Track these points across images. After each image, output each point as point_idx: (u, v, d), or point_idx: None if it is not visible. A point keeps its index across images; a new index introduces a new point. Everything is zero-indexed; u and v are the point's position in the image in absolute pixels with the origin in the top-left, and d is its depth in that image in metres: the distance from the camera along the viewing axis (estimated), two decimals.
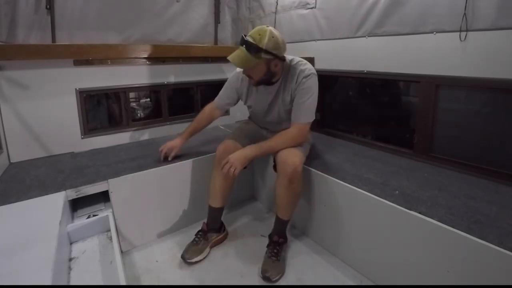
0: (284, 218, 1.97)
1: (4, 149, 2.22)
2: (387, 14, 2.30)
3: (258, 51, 1.72)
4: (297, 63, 1.93)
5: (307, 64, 1.93)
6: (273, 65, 1.82)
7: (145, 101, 3.61)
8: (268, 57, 1.75)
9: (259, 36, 1.72)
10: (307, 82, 1.86)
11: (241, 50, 1.76)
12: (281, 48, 1.78)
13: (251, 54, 1.73)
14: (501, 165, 1.90)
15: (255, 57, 1.73)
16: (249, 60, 1.75)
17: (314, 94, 1.89)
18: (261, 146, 1.89)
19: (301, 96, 1.87)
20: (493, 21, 1.79)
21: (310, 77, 1.87)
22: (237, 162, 1.80)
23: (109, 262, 1.55)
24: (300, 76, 1.87)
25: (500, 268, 1.23)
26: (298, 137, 1.91)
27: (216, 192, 2.08)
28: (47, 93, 2.37)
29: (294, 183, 1.83)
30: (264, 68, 1.81)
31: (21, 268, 1.18)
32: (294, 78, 1.90)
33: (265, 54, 1.73)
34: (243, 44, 1.75)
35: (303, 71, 1.87)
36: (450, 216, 1.47)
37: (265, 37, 1.71)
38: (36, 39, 2.65)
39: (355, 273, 1.88)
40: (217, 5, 3.75)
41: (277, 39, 1.75)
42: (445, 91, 2.11)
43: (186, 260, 1.95)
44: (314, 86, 1.89)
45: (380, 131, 2.77)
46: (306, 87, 1.86)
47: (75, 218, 1.90)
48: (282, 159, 1.83)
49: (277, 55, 1.77)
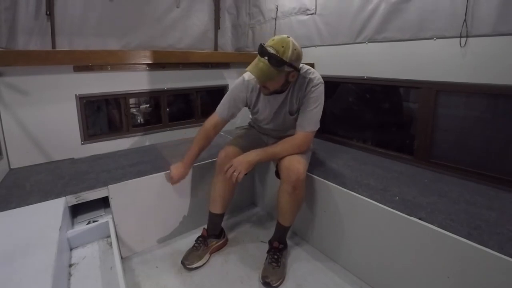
0: (286, 224, 1.97)
1: (4, 155, 2.22)
2: (387, 20, 2.32)
3: (281, 64, 1.63)
4: (306, 71, 1.89)
5: (315, 72, 1.91)
6: (291, 76, 1.77)
7: (145, 107, 3.62)
8: (290, 70, 1.70)
9: (282, 48, 1.63)
10: (316, 91, 1.85)
11: (263, 62, 1.65)
12: (301, 59, 1.76)
13: (273, 66, 1.63)
14: (501, 171, 1.91)
15: (277, 70, 1.65)
16: (272, 73, 1.65)
17: (321, 103, 1.88)
18: (265, 151, 1.88)
19: (308, 105, 1.86)
20: (493, 27, 1.80)
21: (318, 86, 1.86)
22: (240, 167, 1.78)
23: (109, 268, 1.54)
24: (310, 85, 1.85)
25: (500, 274, 1.23)
26: (303, 145, 1.90)
27: (217, 198, 2.08)
28: (47, 99, 2.37)
29: (297, 190, 1.82)
30: (283, 80, 1.76)
31: (21, 274, 1.17)
32: (303, 86, 1.87)
33: (288, 67, 1.67)
34: (265, 56, 1.64)
35: (312, 80, 1.86)
36: (450, 222, 1.47)
37: (289, 49, 1.63)
38: (36, 45, 2.67)
39: (355, 279, 1.88)
40: (217, 11, 3.78)
41: (299, 51, 1.70)
42: (445, 97, 2.12)
43: (186, 266, 1.95)
44: (321, 95, 1.88)
45: (380, 137, 2.77)
46: (314, 96, 1.85)
47: (75, 224, 1.89)
48: (286, 166, 1.83)
49: (297, 68, 1.74)
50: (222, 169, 1.87)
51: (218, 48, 3.95)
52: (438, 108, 2.15)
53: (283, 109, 1.99)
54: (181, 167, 2.07)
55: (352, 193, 1.81)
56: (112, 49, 2.88)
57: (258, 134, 2.30)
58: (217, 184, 2.07)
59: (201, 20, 3.70)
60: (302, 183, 1.82)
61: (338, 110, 3.18)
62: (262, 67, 1.65)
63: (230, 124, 3.48)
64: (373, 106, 2.87)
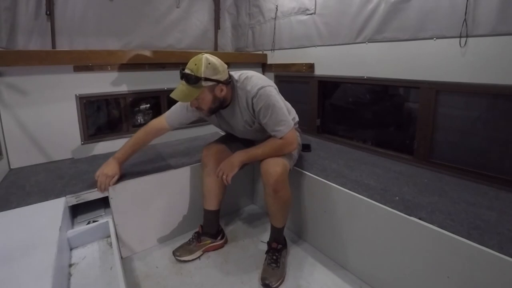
0: (277, 226, 1.97)
1: (4, 155, 2.22)
2: (387, 20, 2.32)
3: (197, 81, 1.67)
4: (242, 81, 1.84)
5: (253, 78, 1.85)
6: (218, 91, 1.76)
7: (145, 107, 3.61)
8: (210, 84, 1.70)
9: (196, 66, 1.68)
10: (259, 100, 1.77)
11: (182, 84, 1.71)
12: (220, 72, 1.73)
13: (191, 85, 1.68)
14: (501, 171, 1.91)
15: (196, 88, 1.69)
16: (192, 92, 1.70)
17: (274, 106, 1.78)
18: (247, 153, 1.86)
19: (263, 116, 1.79)
20: (493, 27, 1.80)
21: (258, 94, 1.76)
22: (226, 170, 1.81)
23: (109, 268, 1.54)
24: (249, 98, 1.80)
25: (500, 274, 1.23)
26: (285, 145, 1.85)
27: (206, 194, 2.11)
28: (47, 99, 2.37)
29: (280, 192, 1.80)
30: (209, 96, 1.76)
31: (21, 274, 1.17)
32: (243, 100, 1.84)
33: (205, 82, 1.68)
34: (182, 78, 1.70)
35: (250, 92, 1.79)
36: (450, 222, 1.47)
37: (201, 65, 1.67)
38: (36, 45, 2.67)
39: (355, 278, 1.88)
40: (217, 11, 3.78)
41: (214, 64, 1.71)
42: (445, 97, 2.12)
43: (176, 257, 2.01)
44: (268, 99, 1.77)
45: (380, 137, 2.78)
46: (262, 106, 1.77)
47: (75, 224, 1.89)
48: (264, 169, 1.80)
49: (219, 80, 1.73)
50: (206, 164, 2.05)
51: (218, 48, 3.95)
52: (438, 108, 2.15)
53: (239, 123, 1.96)
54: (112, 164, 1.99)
55: (352, 193, 1.81)
56: (112, 49, 2.87)
57: None
58: (204, 179, 2.10)
59: (201, 20, 3.70)
60: (282, 184, 1.80)
61: (338, 110, 3.18)
62: (182, 88, 1.70)
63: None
64: (373, 106, 2.87)
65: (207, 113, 1.88)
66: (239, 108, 1.89)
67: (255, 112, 1.82)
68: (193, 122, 2.16)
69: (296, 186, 2.16)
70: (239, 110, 1.90)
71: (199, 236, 2.11)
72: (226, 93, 1.80)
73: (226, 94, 1.82)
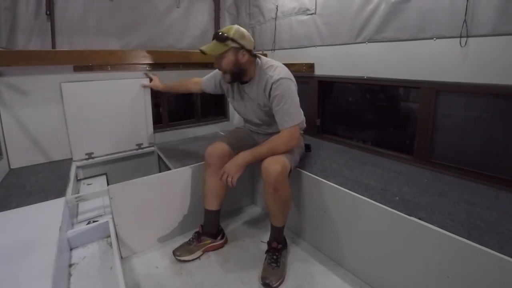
0: (277, 225, 1.97)
1: (4, 155, 2.22)
2: (387, 20, 2.31)
3: (225, 39, 1.84)
4: (268, 67, 1.96)
5: (278, 68, 1.95)
6: (241, 55, 1.89)
7: None
8: (235, 46, 1.86)
9: (227, 29, 1.88)
10: (278, 88, 1.86)
11: (212, 42, 1.90)
12: (246, 39, 1.90)
13: (219, 42, 1.86)
14: (502, 171, 1.91)
15: (223, 45, 1.86)
16: (218, 47, 1.87)
17: (290, 98, 1.88)
18: (252, 152, 1.88)
19: (277, 104, 1.88)
20: (493, 27, 1.80)
21: (279, 82, 1.86)
22: (232, 171, 1.81)
23: (109, 268, 1.55)
24: (269, 82, 1.90)
25: (500, 273, 1.23)
26: (289, 141, 1.90)
27: (208, 193, 2.10)
28: (47, 99, 2.37)
29: (279, 191, 1.80)
30: (232, 57, 1.90)
31: (21, 274, 1.17)
32: (263, 83, 1.95)
33: (232, 42, 1.85)
34: (214, 38, 1.90)
35: (272, 77, 1.89)
36: (450, 222, 1.47)
37: (232, 29, 1.87)
38: (36, 45, 2.67)
39: (355, 278, 1.88)
40: (217, 11, 3.78)
41: (243, 32, 1.90)
42: (445, 97, 2.12)
43: (176, 257, 2.01)
44: (286, 90, 1.87)
45: (380, 137, 2.77)
46: (278, 94, 1.86)
47: (75, 224, 1.90)
48: (264, 168, 1.81)
49: (244, 46, 1.88)
50: (209, 164, 2.06)
51: None
52: (438, 108, 2.15)
53: (252, 103, 2.10)
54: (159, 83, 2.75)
55: (352, 193, 1.81)
56: (112, 49, 2.87)
57: (249, 132, 2.34)
58: (206, 179, 2.10)
59: (201, 20, 3.70)
60: (282, 183, 1.80)
61: (338, 110, 3.18)
62: (210, 44, 1.91)
63: (229, 125, 3.53)
64: (373, 106, 2.87)
65: (227, 77, 2.00)
66: (257, 89, 2.01)
67: (270, 97, 1.92)
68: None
69: (296, 186, 2.16)
70: (256, 90, 2.02)
71: (199, 236, 2.11)
72: (248, 62, 1.94)
73: (248, 64, 1.95)
